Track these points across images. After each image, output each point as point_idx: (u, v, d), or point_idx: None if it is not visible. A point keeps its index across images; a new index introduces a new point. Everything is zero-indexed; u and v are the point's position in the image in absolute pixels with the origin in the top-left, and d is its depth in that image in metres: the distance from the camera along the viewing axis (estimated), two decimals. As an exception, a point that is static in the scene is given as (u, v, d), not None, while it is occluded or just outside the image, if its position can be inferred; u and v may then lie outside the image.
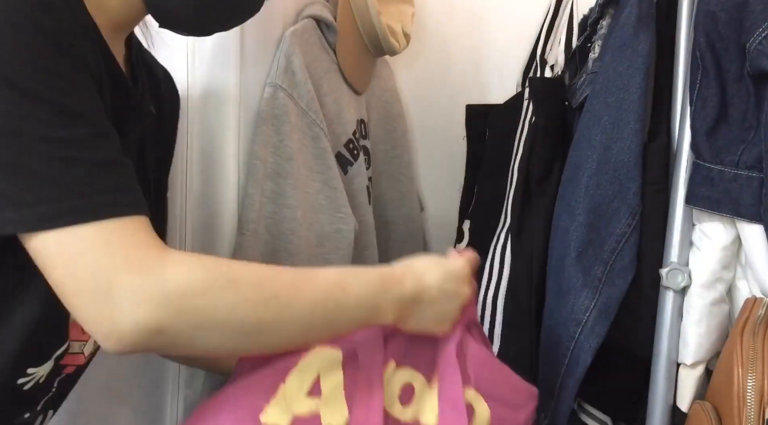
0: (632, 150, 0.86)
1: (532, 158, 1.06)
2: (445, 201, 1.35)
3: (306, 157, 1.03)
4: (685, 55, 0.88)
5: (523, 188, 1.05)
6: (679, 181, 0.84)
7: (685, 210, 0.84)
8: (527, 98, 1.15)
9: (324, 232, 1.05)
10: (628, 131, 0.87)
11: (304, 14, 1.10)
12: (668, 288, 0.84)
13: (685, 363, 0.83)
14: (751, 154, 0.76)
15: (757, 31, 0.72)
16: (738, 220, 0.78)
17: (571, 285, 0.89)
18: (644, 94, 0.87)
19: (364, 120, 1.25)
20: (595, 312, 0.86)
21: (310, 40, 1.08)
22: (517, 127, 1.14)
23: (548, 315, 0.96)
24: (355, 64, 1.18)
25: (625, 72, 0.89)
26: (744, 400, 0.68)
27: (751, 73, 0.75)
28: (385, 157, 1.34)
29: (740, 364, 0.70)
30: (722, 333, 0.82)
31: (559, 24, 1.19)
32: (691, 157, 0.84)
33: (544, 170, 1.05)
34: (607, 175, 0.88)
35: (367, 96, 1.27)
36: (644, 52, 0.88)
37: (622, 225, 0.86)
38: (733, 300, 0.83)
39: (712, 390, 0.79)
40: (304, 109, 1.02)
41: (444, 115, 1.39)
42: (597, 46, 1.03)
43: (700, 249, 0.83)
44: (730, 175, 0.77)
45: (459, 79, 1.42)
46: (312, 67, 1.06)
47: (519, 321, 1.01)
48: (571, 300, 0.89)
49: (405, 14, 1.27)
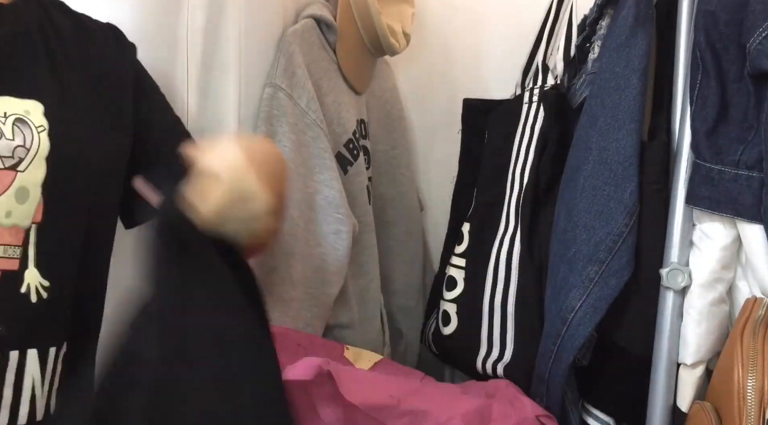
0: (628, 150, 0.86)
1: (542, 167, 1.06)
2: (445, 200, 1.35)
3: (305, 156, 1.03)
4: (685, 55, 0.88)
5: (533, 197, 1.05)
6: (679, 181, 0.84)
7: (685, 210, 0.84)
8: (526, 102, 1.15)
9: (321, 232, 1.05)
10: (624, 132, 0.87)
11: (304, 14, 1.10)
12: (668, 289, 0.84)
13: (685, 363, 0.83)
14: (751, 154, 0.76)
15: (757, 30, 0.72)
16: (738, 220, 0.78)
17: (564, 285, 0.89)
18: (641, 95, 0.87)
19: (364, 120, 1.25)
20: (581, 312, 0.86)
21: (310, 40, 1.08)
22: (516, 130, 1.14)
23: (546, 312, 0.97)
24: (355, 64, 1.18)
25: (622, 72, 0.89)
26: (744, 400, 0.68)
27: (752, 72, 0.75)
28: (385, 156, 1.34)
29: (740, 364, 0.70)
30: (722, 334, 0.82)
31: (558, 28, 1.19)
32: (691, 157, 0.84)
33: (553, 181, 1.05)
34: (603, 176, 0.88)
35: (367, 96, 1.27)
36: (641, 53, 0.88)
37: (619, 225, 0.86)
38: (733, 300, 0.83)
39: (712, 390, 0.79)
40: (304, 109, 1.02)
41: (444, 115, 1.39)
42: (596, 46, 1.03)
43: (700, 250, 0.83)
44: (730, 175, 0.77)
45: (459, 79, 1.42)
46: (312, 67, 1.06)
47: (531, 326, 1.01)
48: (561, 299, 0.89)
49: (405, 14, 1.27)
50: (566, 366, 0.88)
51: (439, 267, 1.28)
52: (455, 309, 1.12)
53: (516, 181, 1.10)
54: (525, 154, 1.10)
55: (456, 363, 1.19)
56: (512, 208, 1.09)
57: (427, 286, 1.38)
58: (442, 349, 1.17)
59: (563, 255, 0.91)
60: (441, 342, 1.15)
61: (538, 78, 1.19)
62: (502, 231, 1.09)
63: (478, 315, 1.07)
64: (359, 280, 1.17)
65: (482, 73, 1.40)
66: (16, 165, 0.69)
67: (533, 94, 1.15)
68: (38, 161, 0.70)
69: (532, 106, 1.14)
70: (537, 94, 1.15)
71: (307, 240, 1.03)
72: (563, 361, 0.88)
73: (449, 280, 1.15)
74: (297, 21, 1.09)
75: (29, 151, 0.70)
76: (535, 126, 1.11)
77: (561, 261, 0.92)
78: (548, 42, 1.20)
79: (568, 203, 0.93)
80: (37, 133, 0.71)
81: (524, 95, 1.17)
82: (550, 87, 1.14)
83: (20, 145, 0.70)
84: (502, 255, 1.07)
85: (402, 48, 1.24)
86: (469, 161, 1.27)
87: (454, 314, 1.12)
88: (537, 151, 1.08)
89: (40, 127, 0.72)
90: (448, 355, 1.18)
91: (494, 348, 1.05)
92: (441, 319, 1.15)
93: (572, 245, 0.89)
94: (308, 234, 1.03)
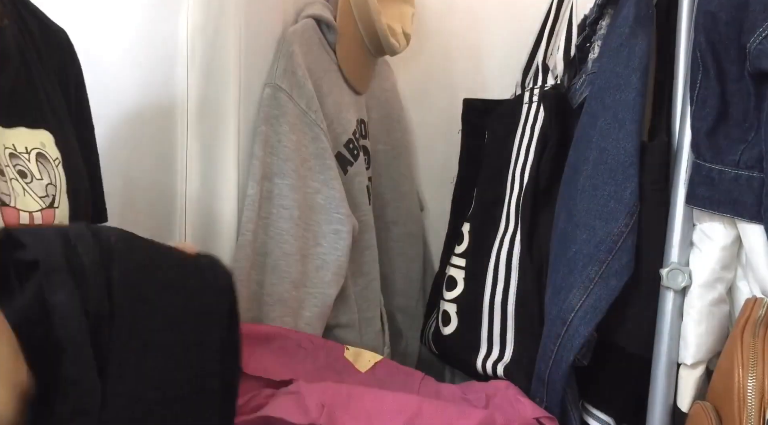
0: (628, 150, 0.86)
1: (542, 167, 1.06)
2: (445, 200, 1.35)
3: (305, 157, 1.03)
4: (685, 55, 0.88)
5: (532, 198, 1.05)
6: (679, 181, 0.84)
7: (686, 210, 0.84)
8: (526, 102, 1.15)
9: (321, 232, 1.05)
10: (624, 132, 0.87)
11: (304, 14, 1.10)
12: (668, 289, 0.84)
13: (685, 364, 0.83)
14: (751, 154, 0.76)
15: (758, 30, 0.72)
16: (738, 220, 0.78)
17: (564, 285, 0.89)
18: (641, 95, 0.87)
19: (364, 120, 1.25)
20: (581, 313, 0.86)
21: (310, 40, 1.08)
22: (516, 130, 1.14)
23: (546, 313, 0.97)
24: (355, 64, 1.18)
25: (622, 72, 0.89)
26: (744, 400, 0.68)
27: (752, 72, 0.75)
28: (385, 157, 1.34)
29: (740, 364, 0.70)
30: (722, 334, 0.82)
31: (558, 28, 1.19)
32: (691, 157, 0.84)
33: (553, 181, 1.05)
34: (604, 176, 0.88)
35: (367, 96, 1.27)
36: (641, 53, 0.88)
37: (619, 225, 0.86)
38: (733, 300, 0.83)
39: (712, 391, 0.79)
40: (304, 109, 1.02)
41: (444, 115, 1.39)
42: (596, 46, 1.03)
43: (700, 250, 0.83)
44: (730, 175, 0.77)
45: (459, 79, 1.42)
46: (312, 67, 1.06)
47: (531, 326, 1.01)
48: (561, 299, 0.89)
49: (405, 14, 1.27)
50: (566, 366, 0.88)
51: (439, 267, 1.28)
52: (455, 309, 1.12)
53: (516, 181, 1.09)
54: (525, 154, 1.10)
55: (456, 363, 1.19)
56: (512, 208, 1.09)
57: (427, 286, 1.38)
58: (442, 349, 1.17)
59: (563, 255, 0.91)
60: (441, 342, 1.15)
61: (538, 78, 1.19)
62: (502, 231, 1.09)
63: (478, 315, 1.07)
64: (359, 280, 1.17)
65: (482, 73, 1.40)
66: (52, 203, 0.68)
67: (533, 94, 1.15)
68: (63, 196, 0.69)
69: (532, 106, 1.14)
70: (537, 94, 1.15)
71: (307, 239, 1.03)
72: (563, 361, 0.88)
73: (449, 280, 1.15)
74: (297, 21, 1.09)
75: (57, 187, 0.69)
76: (535, 126, 1.11)
77: (561, 261, 0.92)
78: (548, 42, 1.20)
79: (569, 203, 0.93)
80: (55, 166, 0.69)
81: (524, 95, 1.17)
82: (550, 87, 1.14)
83: (50, 182, 0.68)
84: (502, 255, 1.07)
85: (402, 48, 1.24)
86: (469, 161, 1.27)
87: (454, 314, 1.12)
88: (537, 151, 1.08)
89: (56, 159, 0.70)
90: (448, 355, 1.18)
91: (494, 348, 1.05)
92: (441, 319, 1.15)
93: (572, 245, 0.89)
94: (308, 233, 1.03)
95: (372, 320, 1.19)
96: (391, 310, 1.31)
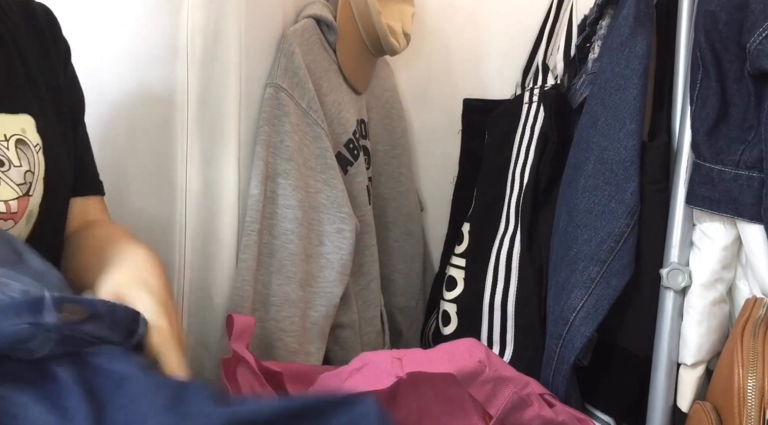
0: (629, 150, 0.86)
1: (542, 167, 1.06)
2: (445, 200, 1.35)
3: (307, 156, 1.03)
4: (685, 55, 0.88)
5: (532, 198, 1.06)
6: (679, 181, 0.84)
7: (686, 210, 0.84)
8: (526, 102, 1.15)
9: (325, 232, 1.05)
10: (625, 132, 0.87)
11: (304, 14, 1.10)
12: (668, 289, 0.84)
13: (685, 364, 0.83)
14: (751, 154, 0.76)
15: (758, 30, 0.72)
16: (738, 220, 0.78)
17: (565, 285, 0.89)
18: (641, 95, 0.87)
19: (364, 120, 1.25)
20: (583, 313, 0.86)
21: (311, 40, 1.08)
22: (516, 130, 1.14)
23: (548, 313, 0.97)
24: (355, 64, 1.18)
25: (622, 73, 0.89)
26: (744, 400, 0.68)
27: (752, 72, 0.75)
28: (385, 156, 1.34)
29: (741, 364, 0.70)
30: (723, 334, 0.82)
31: (558, 28, 1.20)
32: (691, 157, 0.84)
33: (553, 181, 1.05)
34: (604, 176, 0.88)
35: (367, 96, 1.27)
36: (641, 53, 0.88)
37: (620, 225, 0.86)
38: (733, 300, 0.83)
39: (712, 391, 0.79)
40: (305, 109, 1.02)
41: (444, 115, 1.39)
42: (596, 46, 1.03)
43: (700, 250, 0.83)
44: (730, 174, 0.77)
45: (459, 79, 1.42)
46: (312, 67, 1.06)
47: (530, 326, 1.01)
48: (563, 300, 0.89)
49: (405, 14, 1.27)
50: (568, 366, 0.88)
51: (439, 267, 1.28)
52: (455, 309, 1.12)
53: (516, 181, 1.10)
54: (525, 154, 1.10)
55: (456, 363, 1.19)
56: (512, 208, 1.09)
57: (427, 286, 1.38)
58: (442, 349, 1.17)
59: (564, 256, 0.91)
60: (441, 342, 1.15)
61: (538, 78, 1.19)
62: (502, 231, 1.09)
63: (478, 315, 1.07)
64: (359, 280, 1.17)
65: (482, 73, 1.40)
66: (28, 191, 0.67)
67: (533, 94, 1.15)
68: (39, 182, 0.69)
69: (532, 106, 1.14)
70: (537, 94, 1.15)
71: (311, 239, 1.03)
72: (565, 362, 0.88)
73: (449, 280, 1.15)
74: (297, 21, 1.09)
75: (35, 174, 0.68)
76: (535, 126, 1.11)
77: (562, 261, 0.92)
78: (548, 42, 1.20)
79: (569, 203, 0.93)
80: (35, 153, 0.69)
81: (524, 95, 1.17)
82: (550, 87, 1.15)
83: (28, 170, 0.67)
84: (502, 255, 1.07)
85: (402, 48, 1.24)
86: (469, 161, 1.27)
87: (454, 314, 1.12)
88: (537, 151, 1.08)
89: (36, 145, 0.69)
90: (448, 355, 1.18)
91: (494, 348, 1.05)
92: (441, 319, 1.15)
93: (573, 245, 0.89)
94: (312, 233, 1.03)
95: (372, 320, 1.19)
96: (391, 310, 1.31)
